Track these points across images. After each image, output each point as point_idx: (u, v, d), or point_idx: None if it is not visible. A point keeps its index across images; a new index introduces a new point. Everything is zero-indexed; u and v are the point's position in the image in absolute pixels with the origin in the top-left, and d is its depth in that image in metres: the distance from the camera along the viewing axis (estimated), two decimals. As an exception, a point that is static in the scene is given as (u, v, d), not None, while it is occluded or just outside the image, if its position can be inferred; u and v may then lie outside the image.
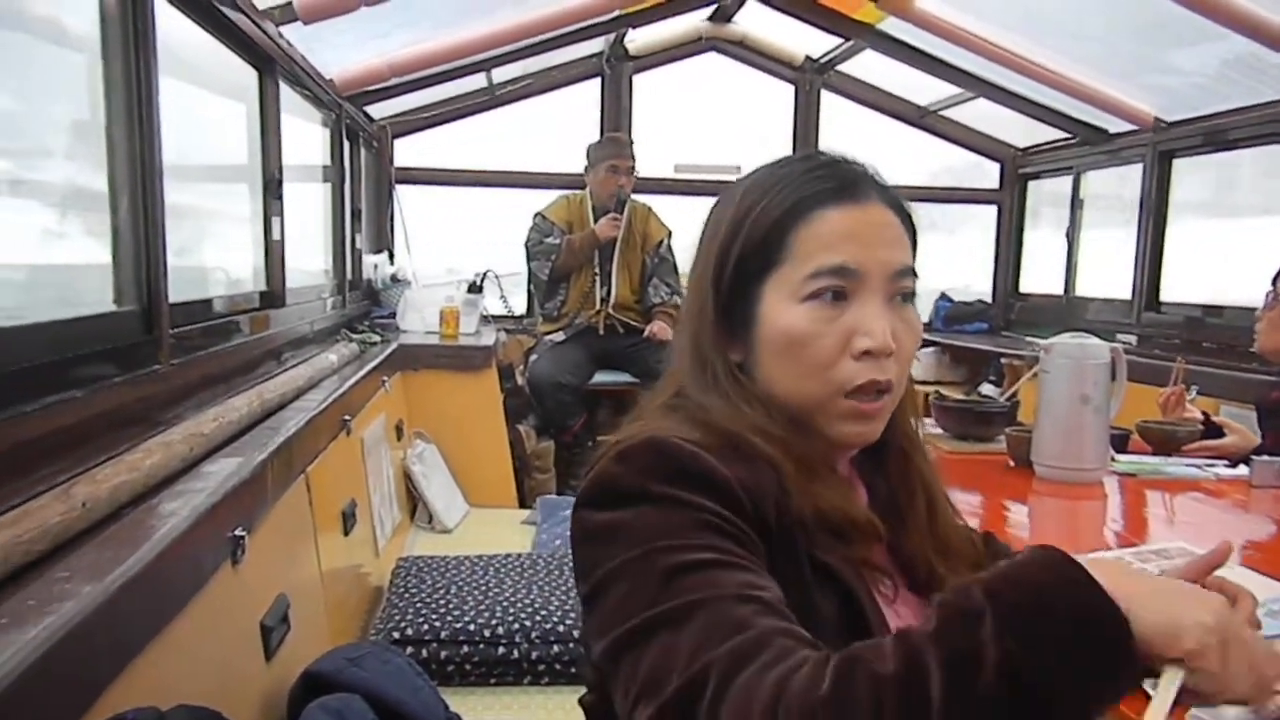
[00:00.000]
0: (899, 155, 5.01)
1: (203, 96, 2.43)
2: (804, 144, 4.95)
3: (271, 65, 2.57)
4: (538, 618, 2.14)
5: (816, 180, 0.90)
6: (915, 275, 0.92)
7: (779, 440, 0.86)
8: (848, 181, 0.90)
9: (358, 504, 2.37)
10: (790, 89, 4.95)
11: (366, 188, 4.46)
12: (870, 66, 4.66)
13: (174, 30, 1.94)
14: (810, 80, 4.90)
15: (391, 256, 4.67)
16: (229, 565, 1.35)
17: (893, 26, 4.00)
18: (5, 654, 0.79)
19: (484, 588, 2.32)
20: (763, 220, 0.89)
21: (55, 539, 1.09)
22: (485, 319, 4.41)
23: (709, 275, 0.93)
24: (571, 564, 2.28)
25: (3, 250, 1.56)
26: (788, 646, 0.66)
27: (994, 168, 5.10)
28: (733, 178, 3.76)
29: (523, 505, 3.74)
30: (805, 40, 4.67)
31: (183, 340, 1.87)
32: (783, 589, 0.76)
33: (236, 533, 1.38)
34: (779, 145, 5.00)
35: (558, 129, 4.80)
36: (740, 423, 0.87)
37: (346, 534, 2.22)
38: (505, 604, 2.20)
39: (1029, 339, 4.32)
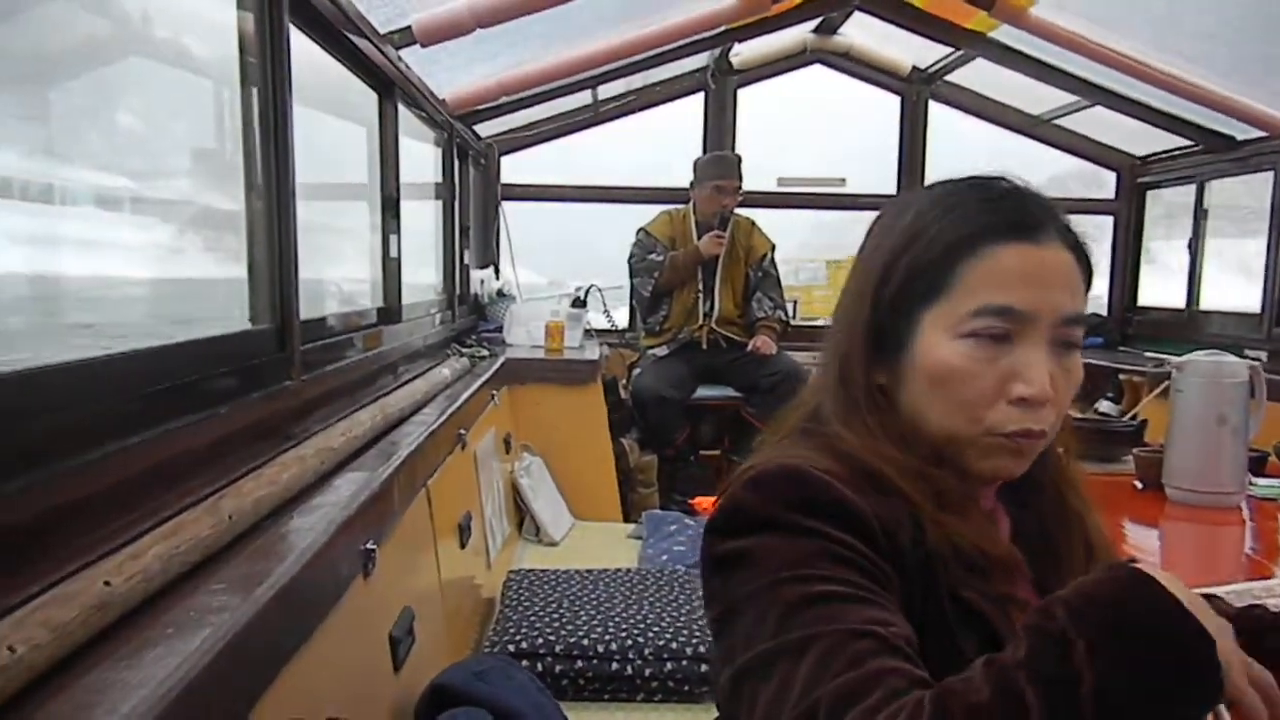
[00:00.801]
0: (1008, 165, 4.86)
1: (318, 116, 2.52)
2: (911, 155, 4.87)
3: (391, 88, 2.65)
4: (650, 634, 2.14)
5: (993, 212, 0.86)
6: (1084, 323, 0.88)
7: (915, 474, 0.84)
8: (1028, 218, 0.85)
9: (472, 516, 2.41)
10: (896, 100, 4.88)
11: (474, 204, 4.55)
12: (980, 75, 4.57)
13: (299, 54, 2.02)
14: (917, 91, 4.83)
15: (497, 271, 4.75)
16: (361, 578, 1.38)
17: (1006, 35, 3.91)
18: (173, 662, 0.83)
19: (595, 602, 2.33)
20: (932, 246, 0.86)
21: (206, 550, 1.13)
22: (589, 333, 4.45)
23: (867, 293, 0.89)
24: (680, 581, 2.26)
25: (127, 265, 1.64)
26: (897, 687, 0.64)
27: (1110, 177, 4.94)
28: (837, 190, 3.72)
29: (626, 519, 3.75)
30: (912, 50, 4.60)
31: (310, 356, 1.93)
32: (921, 628, 0.75)
33: (368, 546, 1.42)
34: (885, 157, 4.94)
35: (661, 144, 4.83)
36: (876, 456, 0.84)
37: (463, 546, 2.27)
38: (617, 619, 2.21)
39: (1148, 354, 4.16)
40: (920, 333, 0.86)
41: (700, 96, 4.79)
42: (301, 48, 2.06)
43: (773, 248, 4.47)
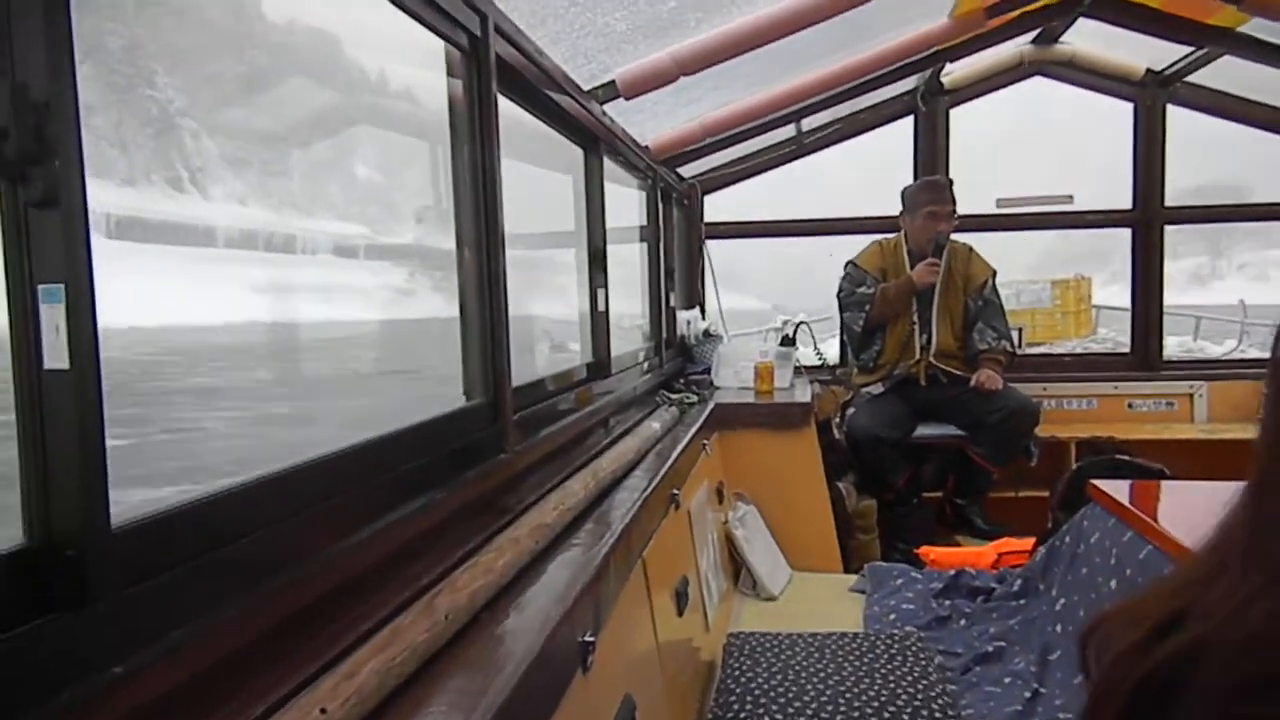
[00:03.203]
0: (1261, 168, 4.41)
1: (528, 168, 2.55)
2: (1148, 165, 4.46)
3: (596, 143, 2.63)
4: (885, 714, 1.97)
5: None
6: None
7: None
8: None
9: (689, 580, 2.32)
10: (1129, 106, 4.48)
11: (678, 245, 4.51)
12: (1226, 74, 4.13)
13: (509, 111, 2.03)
14: (1153, 95, 4.41)
15: (703, 311, 4.69)
16: (579, 674, 1.31)
17: (1257, 28, 3.51)
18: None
19: (822, 674, 2.19)
20: None
21: (421, 658, 1.08)
22: (799, 370, 4.30)
23: None
24: (912, 649, 1.97)
25: (368, 306, 1.66)
26: None
27: (1390, 177, 4.36)
28: (1064, 208, 3.38)
29: (846, 569, 3.57)
30: (1146, 52, 4.21)
31: (523, 423, 1.91)
32: None
33: (586, 638, 1.34)
34: (1117, 169, 4.55)
35: (869, 171, 4.65)
36: None
37: (680, 614, 2.18)
38: (848, 695, 2.06)
39: None
40: None
41: (909, 120, 4.57)
42: (510, 104, 2.07)
43: (994, 274, 4.19)
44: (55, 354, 0.73)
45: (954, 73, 4.40)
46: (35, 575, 0.73)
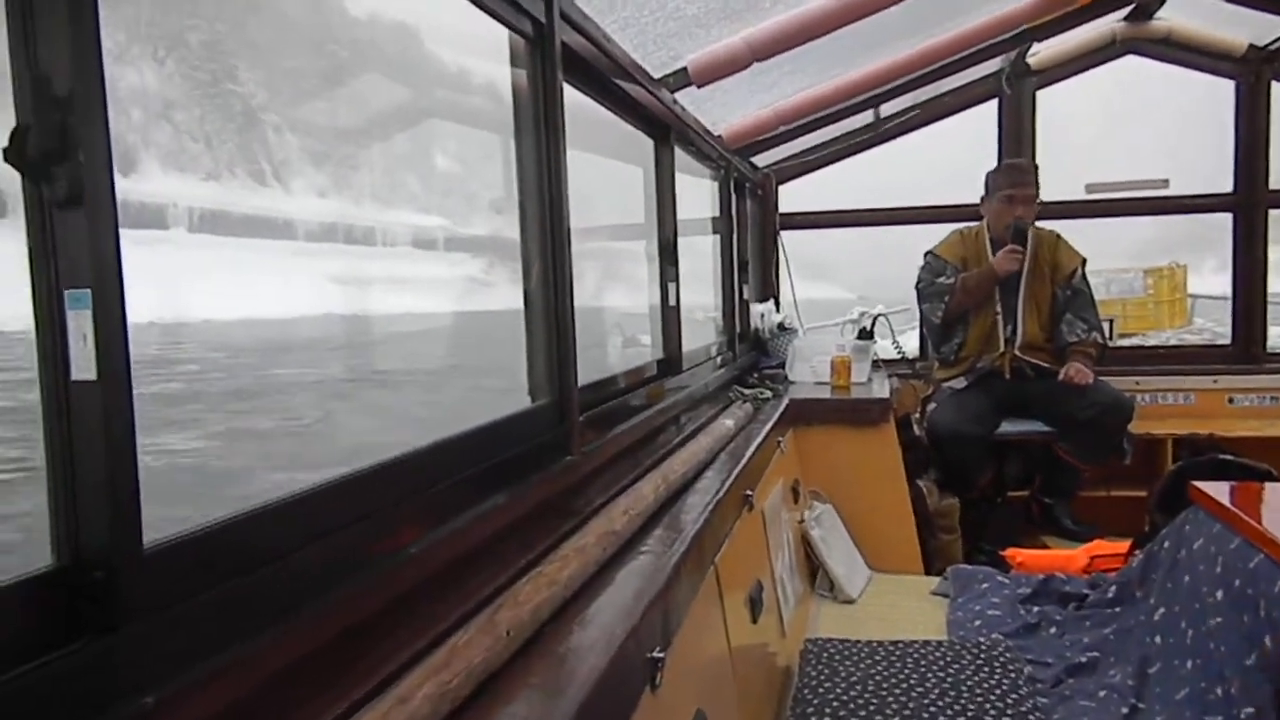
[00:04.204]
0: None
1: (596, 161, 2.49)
2: (1251, 146, 4.22)
3: (667, 132, 2.56)
4: (970, 731, 1.87)
5: None
6: None
7: None
8: None
9: (763, 585, 2.24)
10: (1229, 85, 4.24)
11: (751, 236, 4.41)
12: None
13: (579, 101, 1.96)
14: (1256, 72, 4.17)
15: (778, 304, 4.58)
16: (648, 692, 1.25)
17: (1376, -3, 3.28)
18: None
19: (904, 685, 2.09)
20: None
21: (479, 678, 1.03)
22: (876, 364, 4.17)
23: None
24: (999, 659, 1.90)
25: (444, 297, 1.61)
26: None
27: None
28: (1159, 193, 3.19)
29: (928, 570, 3.44)
30: (1250, 27, 3.98)
31: (591, 424, 1.85)
32: None
33: (655, 654, 1.28)
34: (1218, 151, 4.31)
35: (950, 158, 4.49)
36: None
37: (754, 620, 2.10)
38: (933, 709, 1.96)
39: None
40: None
41: (993, 104, 4.39)
42: (579, 95, 2.01)
43: (1083, 262, 3.99)
44: (83, 364, 0.68)
45: (1041, 53, 4.21)
46: (63, 599, 0.69)
